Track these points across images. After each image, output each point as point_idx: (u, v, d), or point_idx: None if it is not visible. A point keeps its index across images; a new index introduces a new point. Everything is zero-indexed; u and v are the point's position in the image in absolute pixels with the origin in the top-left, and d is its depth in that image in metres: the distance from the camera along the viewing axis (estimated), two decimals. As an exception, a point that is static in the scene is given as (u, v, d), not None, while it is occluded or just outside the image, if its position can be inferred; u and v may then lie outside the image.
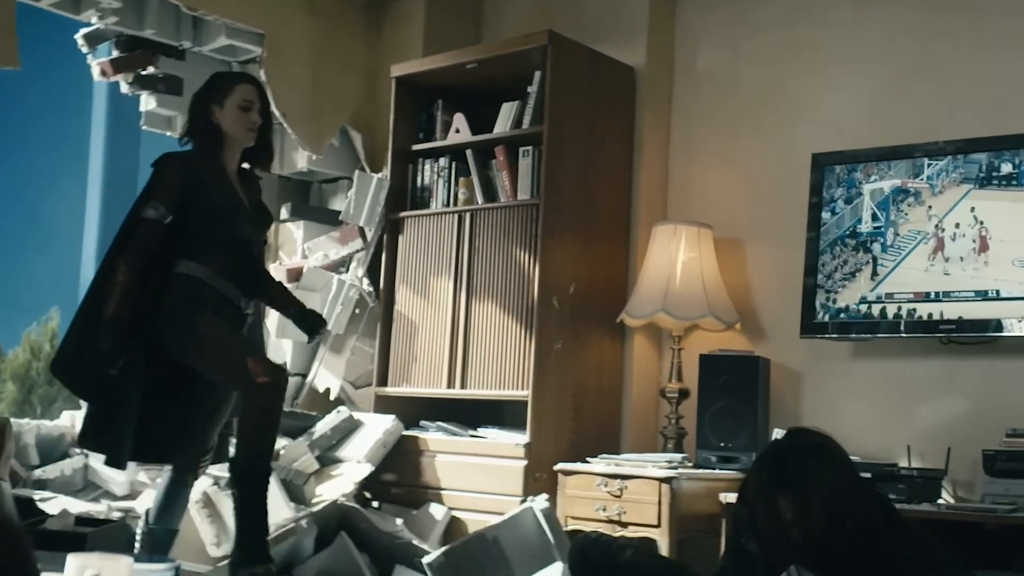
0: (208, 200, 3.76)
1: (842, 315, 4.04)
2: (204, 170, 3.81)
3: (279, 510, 4.20)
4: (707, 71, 4.76)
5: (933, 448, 3.57)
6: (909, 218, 3.95)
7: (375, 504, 4.65)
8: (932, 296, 3.87)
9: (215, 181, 3.81)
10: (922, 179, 3.94)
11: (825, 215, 4.13)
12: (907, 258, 3.93)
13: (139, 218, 3.75)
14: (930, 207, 3.90)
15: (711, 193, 4.65)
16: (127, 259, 3.68)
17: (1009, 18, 4.01)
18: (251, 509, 3.67)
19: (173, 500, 3.88)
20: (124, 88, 5.28)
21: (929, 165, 3.92)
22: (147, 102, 5.32)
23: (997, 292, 3.75)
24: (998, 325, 3.75)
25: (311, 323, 4.04)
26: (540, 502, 4.04)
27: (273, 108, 5.18)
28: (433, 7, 5.34)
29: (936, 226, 3.88)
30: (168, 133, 5.40)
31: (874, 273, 3.99)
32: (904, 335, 3.91)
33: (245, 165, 3.98)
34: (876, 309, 3.97)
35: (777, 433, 3.93)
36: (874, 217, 4.05)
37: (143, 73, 5.24)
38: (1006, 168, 3.79)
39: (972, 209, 3.80)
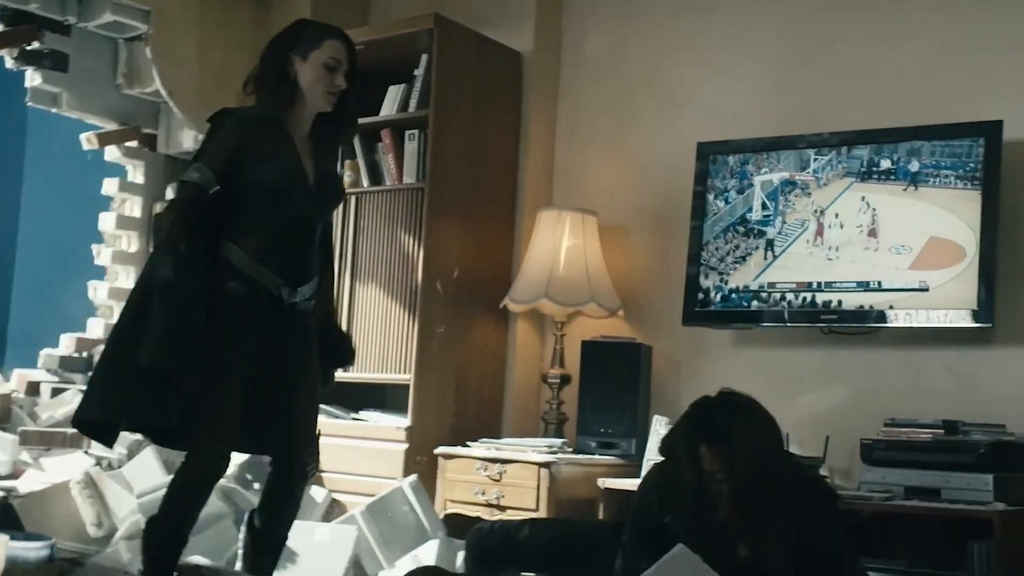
0: (263, 169, 2.83)
1: (725, 304, 3.68)
2: (265, 132, 2.87)
3: (154, 477, 3.92)
4: (594, 58, 4.33)
5: (812, 437, 3.22)
6: (795, 208, 3.59)
7: (256, 486, 4.19)
8: (815, 286, 3.52)
9: (276, 147, 2.87)
10: (808, 172, 3.59)
11: (719, 203, 3.74)
12: (792, 246, 3.57)
13: (180, 181, 2.91)
14: (815, 199, 3.55)
15: (596, 180, 4.22)
16: (169, 216, 2.81)
17: (895, 11, 3.67)
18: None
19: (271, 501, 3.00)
20: (9, 63, 4.67)
21: (815, 160, 3.57)
22: (32, 78, 4.72)
23: (879, 283, 3.42)
24: (879, 316, 3.41)
25: (341, 354, 3.10)
26: (409, 481, 3.70)
27: (159, 86, 4.70)
28: (320, -13, 4.82)
29: (818, 217, 3.53)
30: (54, 110, 4.80)
31: (763, 258, 3.61)
32: (784, 324, 3.55)
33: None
34: (758, 299, 3.61)
35: (658, 420, 3.59)
36: (763, 207, 3.68)
37: (28, 48, 4.64)
38: (885, 164, 3.46)
39: (859, 200, 3.46)
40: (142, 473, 3.99)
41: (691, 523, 2.60)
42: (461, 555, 3.31)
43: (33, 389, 4.61)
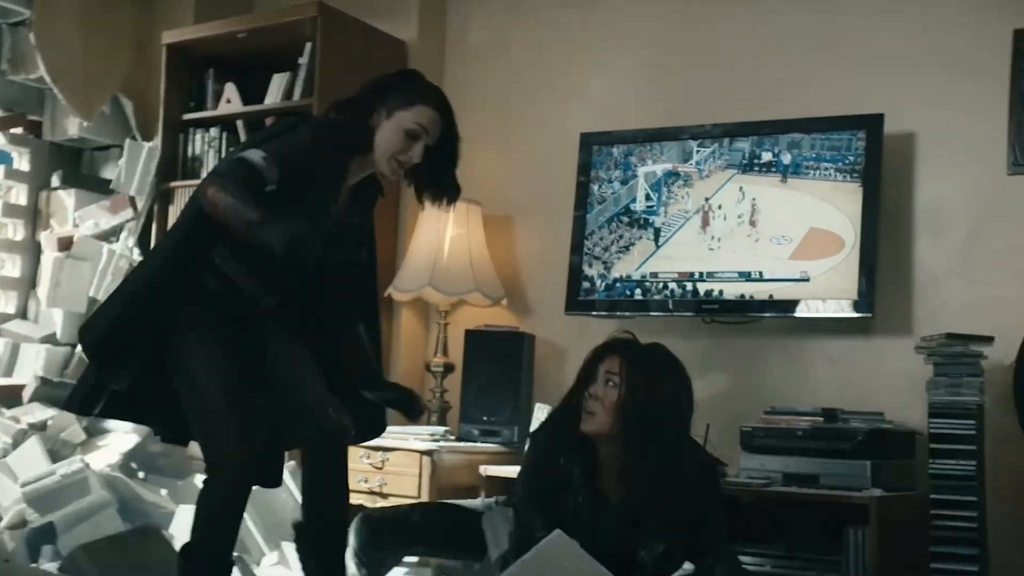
0: (297, 201, 2.28)
1: (607, 293, 3.41)
2: (324, 163, 2.35)
3: (38, 466, 3.61)
4: (479, 48, 4.01)
5: (693, 424, 2.97)
6: (678, 199, 3.32)
7: (141, 475, 3.85)
8: (696, 276, 3.26)
9: (322, 186, 2.36)
10: (691, 164, 3.33)
11: (604, 193, 3.45)
12: (675, 236, 3.31)
13: (238, 157, 2.29)
14: (697, 190, 3.29)
15: (481, 170, 3.82)
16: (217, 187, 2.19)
17: (779, 4, 3.45)
18: None
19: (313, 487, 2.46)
20: None
21: (698, 151, 3.31)
22: (-90, 65, 4.25)
23: (760, 273, 3.17)
24: (761, 306, 3.16)
25: (374, 425, 2.63)
26: (288, 467, 3.34)
27: (43, 72, 4.24)
28: (204, -26, 4.42)
29: (701, 208, 3.28)
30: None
31: (647, 248, 3.34)
32: (668, 314, 3.29)
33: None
34: (641, 288, 3.36)
35: (540, 408, 3.33)
36: (647, 197, 3.40)
37: (-94, 33, 4.16)
38: (766, 156, 3.22)
39: (739, 192, 3.23)
40: (26, 462, 3.66)
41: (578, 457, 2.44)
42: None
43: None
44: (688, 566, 2.49)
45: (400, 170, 2.41)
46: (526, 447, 2.74)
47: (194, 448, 2.54)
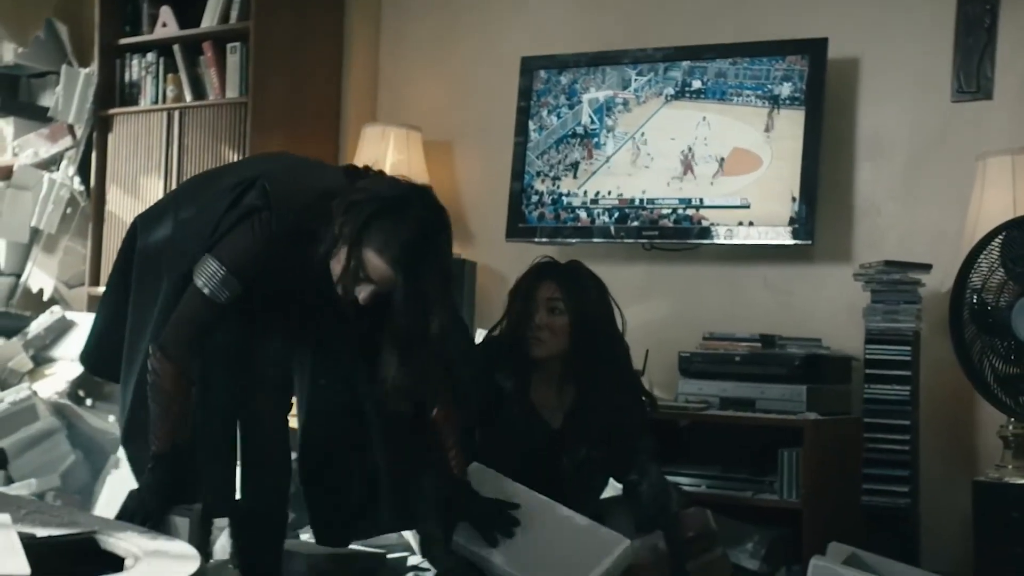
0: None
1: (548, 220, 3.35)
2: (288, 267, 2.04)
3: None
4: (418, -30, 3.88)
5: (633, 350, 2.92)
6: (618, 124, 3.26)
7: (88, 402, 3.78)
8: (637, 202, 3.21)
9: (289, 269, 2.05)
10: (630, 90, 3.26)
11: (551, 119, 3.36)
12: (615, 160, 3.25)
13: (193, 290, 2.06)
14: (635, 115, 3.23)
15: (421, 95, 3.77)
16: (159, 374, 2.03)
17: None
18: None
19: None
20: None
21: (636, 79, 3.23)
22: None
23: (701, 200, 3.12)
24: (701, 232, 3.12)
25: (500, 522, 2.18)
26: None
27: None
28: None
29: (636, 135, 3.23)
30: None
31: (586, 173, 3.28)
32: (609, 240, 3.24)
33: None
34: (583, 213, 3.30)
35: (481, 335, 3.31)
36: (591, 122, 3.32)
37: None
38: (696, 84, 3.17)
39: (675, 117, 3.17)
40: None
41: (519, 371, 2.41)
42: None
43: None
44: (617, 487, 2.47)
45: (352, 308, 2.00)
46: None
47: None
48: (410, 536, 2.82)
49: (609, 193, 3.27)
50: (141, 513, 1.97)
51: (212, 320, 2.04)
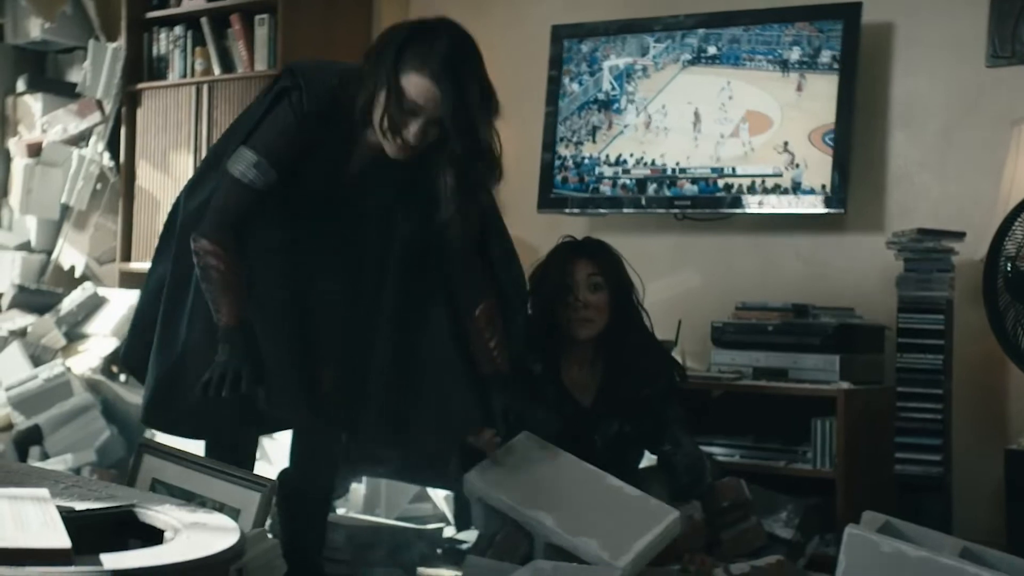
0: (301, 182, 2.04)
1: (574, 188, 3.33)
2: (326, 141, 2.03)
3: (21, 371, 3.59)
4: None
5: (665, 320, 2.90)
6: (639, 90, 3.26)
7: (122, 378, 3.82)
8: (669, 172, 3.20)
9: (318, 168, 2.05)
10: (648, 57, 3.25)
11: (574, 86, 3.35)
12: (638, 124, 3.24)
13: (229, 176, 2.05)
14: (654, 81, 3.23)
15: None
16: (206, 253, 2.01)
17: None
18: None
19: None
20: None
21: (654, 46, 3.23)
22: None
23: (733, 169, 3.10)
24: (733, 202, 3.10)
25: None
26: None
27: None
28: None
29: (659, 103, 3.23)
30: None
31: (610, 133, 3.28)
32: (639, 211, 3.22)
33: None
34: (609, 187, 3.28)
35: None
36: (611, 87, 3.31)
37: None
38: (712, 50, 3.17)
39: (686, 83, 3.18)
40: (9, 368, 3.65)
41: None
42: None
43: None
44: (652, 458, 2.49)
45: (403, 151, 1.95)
46: None
47: None
48: (445, 507, 2.86)
49: (641, 161, 3.25)
50: (224, 378, 1.89)
51: (248, 207, 1.99)
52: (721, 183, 3.14)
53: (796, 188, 3.03)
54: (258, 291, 2.05)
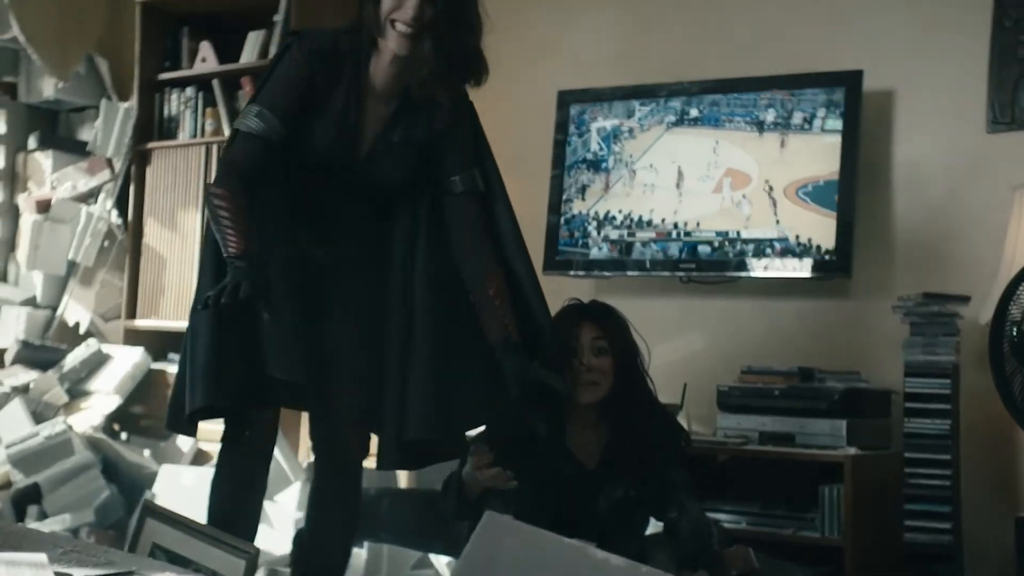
0: (313, 128, 2.06)
1: (579, 251, 3.33)
2: (335, 74, 2.06)
3: (22, 428, 3.54)
4: (456, 5, 3.95)
5: (671, 384, 2.86)
6: (625, 149, 3.31)
7: (123, 436, 3.83)
8: (674, 235, 3.20)
9: (339, 99, 2.06)
10: (634, 119, 3.30)
11: (571, 148, 3.41)
12: (621, 181, 3.30)
13: (233, 129, 2.11)
14: (639, 142, 3.29)
15: None
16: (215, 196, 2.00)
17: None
18: None
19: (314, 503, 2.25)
20: None
21: (640, 109, 3.29)
22: None
23: (738, 233, 3.11)
24: (739, 265, 3.10)
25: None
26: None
27: (17, 33, 4.11)
28: (179, -70, 4.28)
29: (639, 158, 3.29)
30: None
31: (597, 192, 3.33)
32: (643, 274, 3.23)
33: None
34: (618, 248, 3.26)
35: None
36: (599, 147, 3.36)
37: None
38: (694, 112, 3.22)
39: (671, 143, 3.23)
40: (10, 424, 3.61)
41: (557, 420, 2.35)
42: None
43: None
44: (658, 524, 2.45)
45: (404, 37, 1.98)
46: None
47: None
48: (447, 573, 2.81)
49: (629, 217, 3.28)
50: (225, 289, 1.86)
51: (255, 155, 2.02)
52: (726, 246, 3.14)
53: (802, 252, 3.03)
54: (268, 259, 2.04)
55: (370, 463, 2.24)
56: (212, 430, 2.27)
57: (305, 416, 3.32)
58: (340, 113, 2.06)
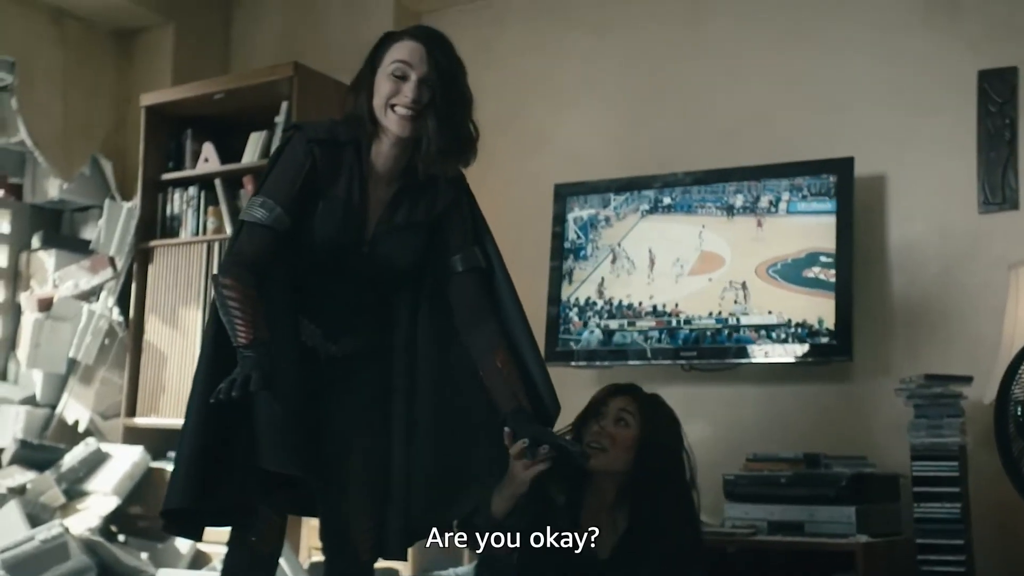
0: (319, 213, 2.05)
1: (586, 344, 3.29)
2: (336, 161, 2.06)
3: (17, 532, 3.44)
4: (452, 101, 4.00)
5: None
6: (601, 237, 3.33)
7: (121, 538, 3.73)
8: (673, 323, 3.18)
9: (341, 185, 2.06)
10: (610, 208, 3.33)
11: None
12: (602, 265, 3.31)
13: (240, 221, 2.09)
14: (616, 230, 3.31)
15: None
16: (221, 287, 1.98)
17: (742, 52, 3.39)
18: None
19: None
20: None
21: (614, 199, 3.32)
22: None
23: (738, 319, 3.07)
24: (739, 352, 3.06)
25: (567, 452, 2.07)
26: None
27: (24, 137, 4.15)
28: (182, 37, 4.34)
29: (617, 244, 3.27)
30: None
31: (579, 276, 3.33)
32: (644, 362, 3.18)
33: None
34: (620, 336, 3.24)
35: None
36: (576, 235, 3.38)
37: None
38: (667, 200, 3.26)
39: (645, 230, 3.21)
40: (5, 527, 3.51)
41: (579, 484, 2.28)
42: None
43: None
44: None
45: (406, 119, 2.01)
46: None
47: None
48: None
49: (610, 301, 3.28)
50: (234, 383, 1.81)
51: (260, 245, 2.00)
52: (726, 332, 3.11)
53: (803, 336, 3.00)
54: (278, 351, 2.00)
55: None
56: (211, 530, 2.20)
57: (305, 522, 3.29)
58: (344, 199, 2.08)
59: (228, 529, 2.12)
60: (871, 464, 2.87)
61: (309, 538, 3.30)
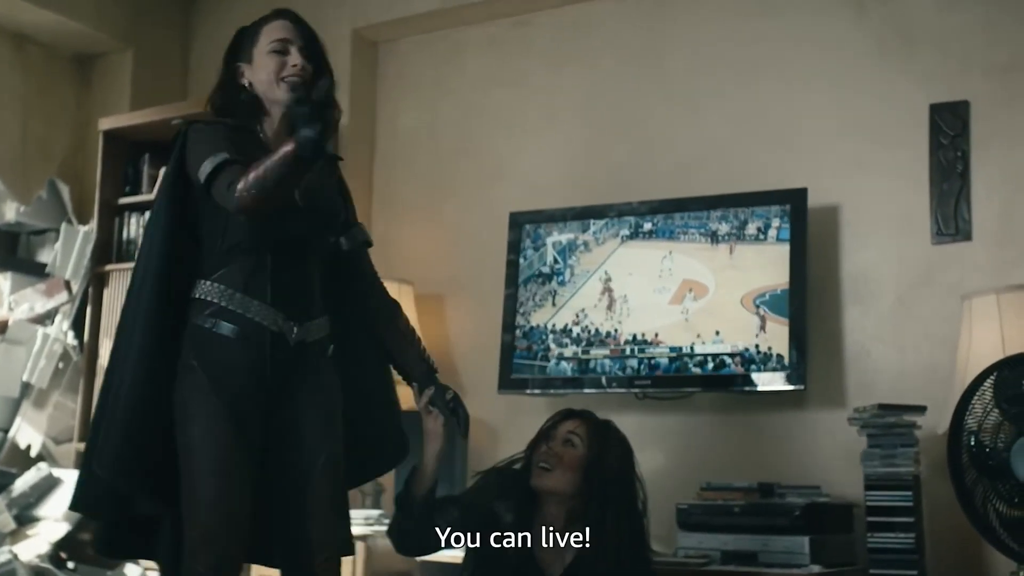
0: None
1: (528, 358, 3.20)
2: (243, 143, 2.00)
3: None
4: (409, 130, 3.82)
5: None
6: (580, 263, 3.21)
7: (70, 565, 3.53)
8: (627, 352, 3.09)
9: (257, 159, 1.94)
10: (589, 233, 3.22)
11: (520, 260, 3.29)
12: (579, 298, 3.19)
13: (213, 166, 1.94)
14: (594, 255, 3.19)
15: (412, 249, 3.66)
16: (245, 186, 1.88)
17: (698, 84, 3.33)
18: None
19: None
20: None
21: (594, 224, 3.22)
22: None
23: (692, 348, 2.99)
24: (694, 381, 2.97)
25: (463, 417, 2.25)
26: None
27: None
28: (141, 63, 4.22)
29: (598, 270, 3.19)
30: None
31: (557, 303, 3.21)
32: (599, 391, 3.06)
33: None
34: (571, 366, 3.14)
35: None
36: (554, 261, 3.26)
37: None
38: (647, 226, 3.16)
39: (625, 256, 3.16)
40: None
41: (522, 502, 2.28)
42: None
43: None
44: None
45: (296, 87, 2.02)
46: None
47: None
48: None
49: (587, 329, 3.16)
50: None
51: (238, 172, 1.90)
52: (681, 361, 3.01)
53: (759, 364, 2.91)
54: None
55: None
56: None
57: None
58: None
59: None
60: (825, 494, 2.78)
61: None
